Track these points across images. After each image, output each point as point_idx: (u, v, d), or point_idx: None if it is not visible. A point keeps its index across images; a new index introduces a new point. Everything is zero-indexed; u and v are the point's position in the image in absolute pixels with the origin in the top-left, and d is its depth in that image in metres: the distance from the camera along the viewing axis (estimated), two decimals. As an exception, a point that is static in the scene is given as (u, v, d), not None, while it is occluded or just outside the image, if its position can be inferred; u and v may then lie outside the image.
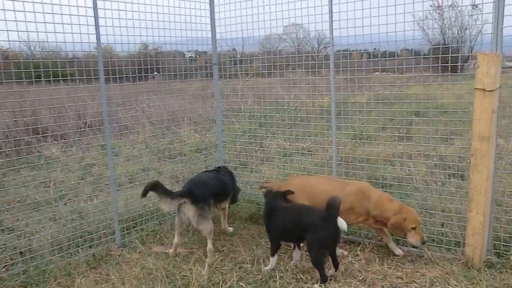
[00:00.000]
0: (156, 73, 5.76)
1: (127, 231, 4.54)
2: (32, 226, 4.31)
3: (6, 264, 3.83)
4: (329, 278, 3.42)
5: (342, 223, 3.34)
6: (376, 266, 3.74)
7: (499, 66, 3.19)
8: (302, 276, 3.57)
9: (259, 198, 5.14)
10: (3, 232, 4.42)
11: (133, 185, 5.55)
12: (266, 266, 3.75)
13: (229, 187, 4.58)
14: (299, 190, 4.02)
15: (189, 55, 6.80)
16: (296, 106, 6.08)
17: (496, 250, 3.69)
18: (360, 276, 3.58)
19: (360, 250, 4.04)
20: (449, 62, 3.80)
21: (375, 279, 3.52)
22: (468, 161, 3.69)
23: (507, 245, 3.66)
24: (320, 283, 3.35)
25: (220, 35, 4.97)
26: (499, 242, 3.69)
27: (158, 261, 3.93)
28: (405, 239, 3.86)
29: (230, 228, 4.71)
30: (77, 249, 4.11)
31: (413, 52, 4.18)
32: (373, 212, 3.84)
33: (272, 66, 5.01)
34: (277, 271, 3.65)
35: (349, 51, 5.21)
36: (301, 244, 3.82)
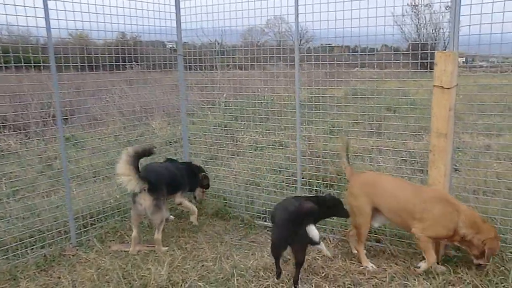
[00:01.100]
0: (134, 63, 5.55)
1: (85, 229, 4.34)
2: (-22, 225, 4.07)
3: None
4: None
5: (312, 232, 3.19)
6: (339, 262, 3.72)
7: (456, 64, 3.19)
8: (263, 273, 3.51)
9: (227, 194, 5.06)
10: None
11: (97, 179, 5.35)
12: (228, 264, 3.67)
13: (179, 179, 4.43)
14: (363, 186, 3.69)
15: (170, 46, 6.59)
16: (272, 99, 6.00)
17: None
18: (323, 273, 3.55)
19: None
20: (422, 59, 3.79)
21: (337, 275, 3.50)
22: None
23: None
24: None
25: (185, 25, 4.80)
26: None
27: (115, 261, 3.78)
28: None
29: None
30: (26, 250, 3.87)
31: (391, 48, 4.15)
32: (462, 230, 3.27)
33: (246, 59, 4.86)
34: (238, 269, 3.57)
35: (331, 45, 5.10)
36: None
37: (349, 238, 3.94)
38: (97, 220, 4.49)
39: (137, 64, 5.54)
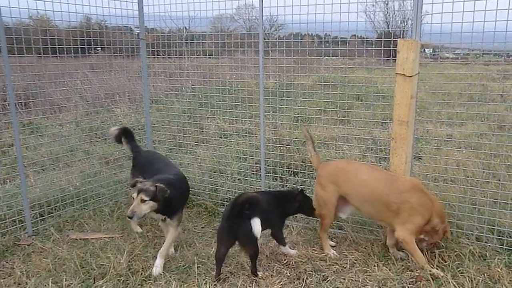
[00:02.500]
0: (98, 48, 5.33)
1: (41, 218, 4.17)
2: None
3: None
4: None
5: (254, 226, 3.06)
6: (301, 249, 3.74)
7: (417, 52, 3.22)
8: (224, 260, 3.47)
9: (190, 181, 4.93)
10: None
11: (56, 167, 5.15)
12: (190, 252, 3.62)
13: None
14: (331, 175, 3.58)
15: (138, 31, 6.38)
16: (239, 87, 5.92)
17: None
18: (285, 260, 3.56)
19: (287, 234, 4.03)
20: (388, 49, 3.80)
21: (299, 262, 3.52)
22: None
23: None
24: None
25: (148, 9, 4.64)
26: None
27: (73, 250, 3.66)
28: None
29: None
30: (-25, 241, 3.71)
31: (360, 37, 4.14)
32: (435, 220, 3.29)
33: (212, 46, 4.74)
34: (199, 257, 3.53)
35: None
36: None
37: None
38: (55, 209, 4.32)
39: (100, 50, 5.34)
